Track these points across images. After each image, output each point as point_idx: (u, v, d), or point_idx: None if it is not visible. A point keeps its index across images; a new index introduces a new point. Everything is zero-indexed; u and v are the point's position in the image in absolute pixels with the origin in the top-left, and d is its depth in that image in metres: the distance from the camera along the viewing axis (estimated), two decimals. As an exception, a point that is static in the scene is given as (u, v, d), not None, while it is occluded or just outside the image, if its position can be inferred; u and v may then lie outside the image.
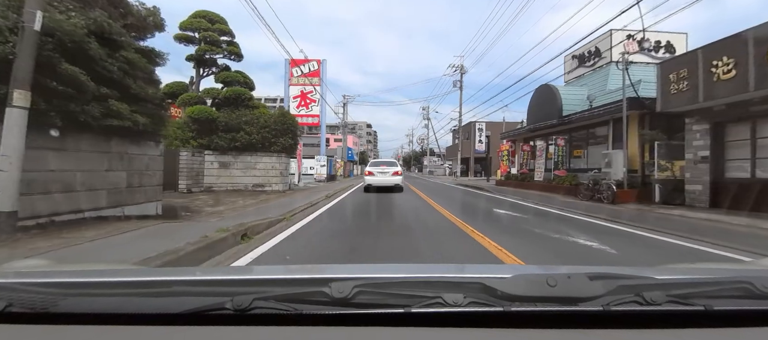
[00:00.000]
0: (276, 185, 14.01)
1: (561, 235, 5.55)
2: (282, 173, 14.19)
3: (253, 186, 13.88)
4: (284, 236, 5.21)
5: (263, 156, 13.99)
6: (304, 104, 24.28)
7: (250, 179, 13.89)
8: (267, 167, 14.01)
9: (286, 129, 14.18)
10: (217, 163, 13.70)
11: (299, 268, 2.07)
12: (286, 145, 14.09)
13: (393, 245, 4.73)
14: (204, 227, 5.11)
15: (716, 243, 5.06)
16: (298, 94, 24.34)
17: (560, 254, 4.40)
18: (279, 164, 14.09)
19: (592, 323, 0.70)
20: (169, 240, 3.98)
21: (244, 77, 15.03)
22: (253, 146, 13.83)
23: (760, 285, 0.76)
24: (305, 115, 24.27)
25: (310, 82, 23.92)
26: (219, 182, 13.65)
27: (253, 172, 13.92)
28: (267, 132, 13.81)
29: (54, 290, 0.76)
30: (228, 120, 13.54)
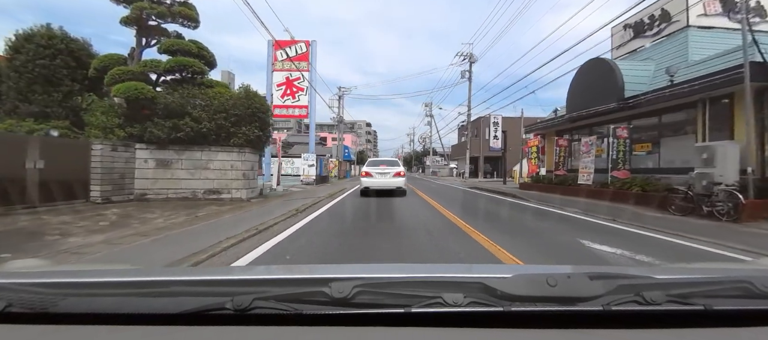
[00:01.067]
0: (237, 191, 10.26)
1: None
2: (246, 174, 10.44)
3: (206, 193, 10.14)
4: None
5: (219, 151, 10.25)
6: (290, 93, 20.53)
7: (200, 183, 10.14)
8: (224, 167, 10.27)
9: (251, 115, 10.44)
10: (154, 160, 9.95)
11: (299, 268, 2.07)
12: (251, 137, 10.34)
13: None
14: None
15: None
16: (282, 81, 20.60)
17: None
18: (242, 163, 10.34)
19: (592, 323, 0.70)
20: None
21: (198, 48, 11.28)
22: (205, 138, 10.09)
23: (759, 285, 0.76)
24: (291, 106, 20.52)
25: (297, 67, 20.18)
26: (156, 188, 9.91)
27: (206, 173, 10.18)
28: (224, 118, 10.08)
29: (54, 290, 0.76)
30: (169, 101, 9.80)
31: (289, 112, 20.64)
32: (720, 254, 4.49)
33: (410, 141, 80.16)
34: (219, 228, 5.67)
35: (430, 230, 5.69)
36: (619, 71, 11.04)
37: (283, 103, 20.54)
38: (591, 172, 11.99)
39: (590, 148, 12.11)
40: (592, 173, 11.93)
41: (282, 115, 20.75)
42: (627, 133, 10.79)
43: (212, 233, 5.12)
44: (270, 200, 10.65)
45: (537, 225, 6.66)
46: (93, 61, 11.78)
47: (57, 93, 12.16)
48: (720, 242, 5.02)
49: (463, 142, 39.86)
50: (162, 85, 11.30)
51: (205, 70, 10.73)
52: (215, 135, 10.11)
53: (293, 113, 20.69)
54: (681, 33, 11.10)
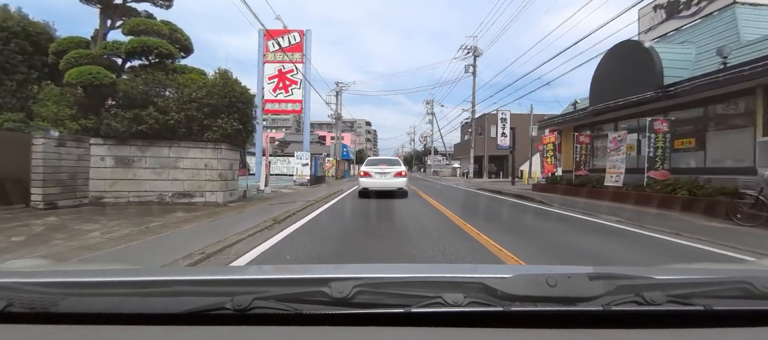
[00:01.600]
0: (212, 194, 8.76)
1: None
2: (223, 174, 8.93)
3: (175, 196, 8.63)
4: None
5: (190, 148, 8.73)
6: (283, 87, 19.03)
7: (168, 185, 8.63)
8: (197, 165, 8.75)
9: (229, 105, 8.92)
10: (112, 158, 8.44)
11: (299, 268, 2.06)
12: (228, 131, 8.83)
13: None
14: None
15: None
16: (274, 73, 19.10)
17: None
18: (217, 161, 8.83)
19: (592, 323, 0.70)
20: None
21: (171, 29, 9.76)
22: (174, 132, 8.58)
23: (759, 285, 0.76)
24: (284, 101, 19.02)
25: (290, 59, 18.69)
26: (115, 190, 8.39)
27: (175, 173, 8.66)
28: (196, 109, 8.56)
29: (54, 290, 0.76)
30: (129, 88, 8.29)
31: (281, 108, 19.14)
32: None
33: (411, 140, 78.63)
34: (158, 248, 4.17)
35: (446, 251, 4.19)
36: (656, 55, 9.51)
37: (275, 97, 19.04)
38: (621, 172, 10.47)
39: (620, 145, 10.59)
40: (623, 173, 10.41)
41: (274, 110, 19.26)
42: (667, 127, 9.27)
43: (138, 258, 3.62)
44: (251, 203, 9.14)
45: (582, 242, 5.15)
46: (51, 45, 10.27)
47: (10, 81, 10.67)
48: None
49: (466, 141, 38.33)
50: (129, 72, 9.79)
51: (176, 53, 9.20)
52: (185, 128, 8.59)
53: (286, 108, 19.19)
54: (727, 11, 9.58)
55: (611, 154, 10.94)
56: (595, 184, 11.40)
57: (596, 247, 4.80)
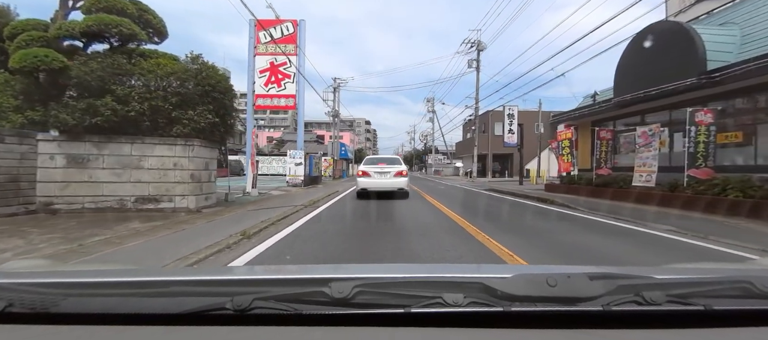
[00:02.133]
0: (183, 198, 7.49)
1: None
2: (196, 175, 7.67)
3: (138, 201, 7.37)
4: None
5: (157, 144, 7.46)
6: (275, 81, 17.72)
7: (130, 188, 7.37)
8: (164, 165, 7.48)
9: (204, 95, 7.66)
10: (64, 157, 7.17)
11: (299, 268, 2.01)
12: (202, 125, 7.56)
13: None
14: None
15: None
16: (266, 66, 17.78)
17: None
18: (188, 160, 7.56)
19: (592, 323, 0.69)
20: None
21: (139, 9, 8.47)
22: (137, 126, 7.32)
23: (760, 285, 0.75)
24: (276, 96, 17.71)
25: (282, 51, 17.38)
26: (67, 195, 7.13)
27: (138, 174, 7.40)
28: (162, 99, 7.30)
29: (54, 290, 0.75)
30: (83, 74, 7.02)
31: (273, 103, 17.83)
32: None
33: (411, 139, 77.37)
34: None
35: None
36: (699, 38, 8.24)
37: (266, 91, 17.73)
38: (653, 170, 9.22)
39: (651, 140, 9.33)
40: (655, 171, 9.16)
41: (265, 106, 17.97)
42: (712, 118, 8.01)
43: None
44: (230, 209, 7.88)
45: (659, 263, 3.90)
46: (5, 29, 8.99)
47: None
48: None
49: (469, 139, 37.06)
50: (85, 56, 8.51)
51: (141, 35, 7.91)
52: (150, 121, 7.33)
53: (278, 104, 17.88)
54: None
55: (640, 150, 9.68)
56: (622, 184, 10.15)
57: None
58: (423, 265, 2.83)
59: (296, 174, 16.03)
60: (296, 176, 16.01)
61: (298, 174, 16.05)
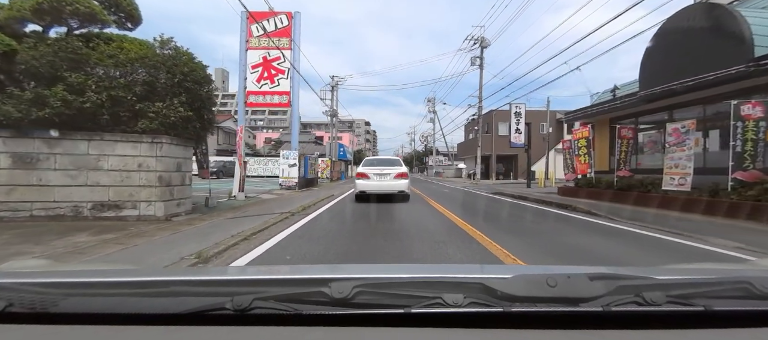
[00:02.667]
0: (149, 205, 6.42)
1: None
2: (165, 177, 6.60)
3: (96, 208, 6.30)
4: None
5: (118, 141, 6.40)
6: (268, 76, 16.66)
7: (87, 193, 6.30)
8: (128, 166, 6.42)
9: (175, 85, 6.60)
10: (9, 155, 6.11)
11: (299, 268, 2.05)
12: (172, 120, 6.49)
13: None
14: None
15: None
16: (258, 62, 16.72)
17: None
18: (157, 160, 6.49)
19: (593, 324, 0.69)
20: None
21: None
22: (95, 120, 6.27)
23: (759, 285, 0.75)
24: (269, 92, 16.65)
25: (276, 45, 16.34)
26: (12, 201, 6.07)
27: (97, 176, 6.33)
28: (124, 89, 6.24)
29: (54, 290, 0.75)
30: (31, 59, 5.96)
31: (266, 100, 16.77)
32: None
33: (411, 140, 76.33)
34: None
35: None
36: (744, 21, 7.19)
37: (259, 88, 16.68)
38: (688, 173, 8.15)
39: (685, 138, 8.26)
40: (691, 174, 8.09)
41: (258, 103, 16.91)
42: (762, 112, 6.95)
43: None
44: (205, 218, 6.80)
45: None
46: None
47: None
48: None
49: (471, 140, 36.00)
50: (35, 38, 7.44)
51: (102, 15, 6.84)
52: (110, 115, 6.26)
53: (272, 101, 16.81)
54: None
55: (671, 150, 8.61)
56: (649, 188, 9.07)
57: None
58: (423, 265, 2.79)
59: (290, 176, 14.95)
60: (290, 179, 14.93)
61: (291, 176, 14.97)
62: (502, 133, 29.89)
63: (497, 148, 29.43)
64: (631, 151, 10.90)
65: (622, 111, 10.99)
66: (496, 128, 29.68)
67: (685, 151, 8.28)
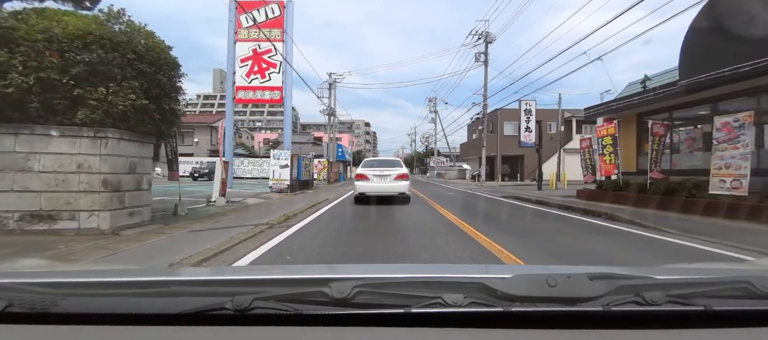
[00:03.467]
0: (92, 216, 5.14)
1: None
2: (111, 181, 5.32)
3: (24, 219, 5.02)
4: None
5: (52, 136, 5.12)
6: (259, 71, 15.41)
7: (15, 200, 5.02)
8: (65, 166, 5.14)
9: (126, 65, 5.33)
10: None
11: (299, 268, 2.05)
12: (121, 108, 5.22)
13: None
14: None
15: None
16: (248, 54, 15.48)
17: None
18: (101, 159, 5.21)
19: (593, 324, 0.69)
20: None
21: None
22: (23, 108, 5.00)
23: (759, 285, 0.75)
24: (260, 88, 15.39)
25: (267, 36, 15.10)
26: None
27: (25, 179, 5.06)
28: (59, 71, 4.96)
29: (54, 290, 0.75)
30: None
31: (256, 96, 15.53)
32: None
33: (411, 141, 75.04)
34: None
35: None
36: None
37: (248, 83, 15.45)
38: (743, 174, 6.88)
39: (739, 134, 7.00)
40: (747, 175, 6.82)
41: (247, 99, 15.67)
42: None
43: None
44: (162, 231, 5.51)
45: None
46: None
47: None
48: None
49: (475, 140, 34.73)
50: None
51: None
52: (40, 102, 4.99)
53: (262, 97, 15.56)
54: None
55: (721, 148, 7.33)
56: (694, 192, 7.79)
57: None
58: (423, 265, 2.84)
59: (281, 178, 13.67)
60: (281, 181, 13.65)
61: (283, 178, 13.69)
62: (507, 132, 28.64)
63: (503, 148, 28.15)
64: (662, 149, 9.64)
65: (655, 104, 9.72)
66: (502, 128, 28.40)
67: (740, 149, 7.01)
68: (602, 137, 10.59)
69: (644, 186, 9.26)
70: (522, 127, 16.38)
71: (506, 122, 28.28)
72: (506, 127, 28.36)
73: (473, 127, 35.00)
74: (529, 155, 27.94)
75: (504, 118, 28.11)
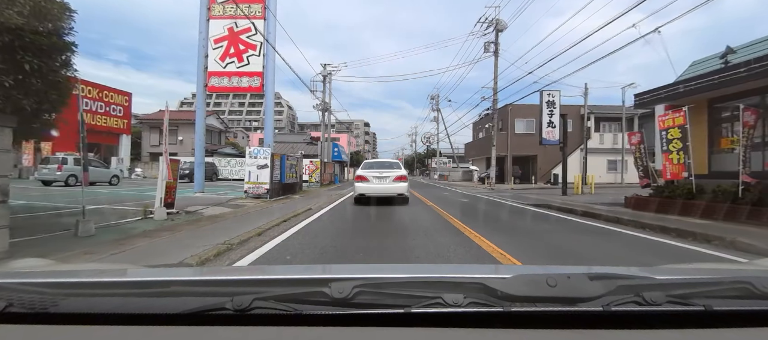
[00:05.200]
0: None
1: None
2: None
3: None
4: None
5: None
6: (235, 53, 12.99)
7: None
8: None
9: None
10: None
11: (299, 268, 2.03)
12: None
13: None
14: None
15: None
16: (223, 34, 13.07)
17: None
18: None
19: (592, 324, 0.69)
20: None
21: None
22: None
23: (759, 285, 0.75)
24: (236, 74, 12.96)
25: (245, 13, 12.70)
26: None
27: None
28: None
29: (54, 290, 0.75)
30: None
31: (232, 83, 13.09)
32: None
33: (412, 142, 72.60)
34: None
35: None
36: None
37: (223, 68, 13.03)
38: None
39: None
40: None
41: (222, 87, 13.22)
42: None
43: None
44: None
45: None
46: None
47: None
48: None
49: (481, 139, 32.33)
50: None
51: None
52: None
53: (239, 84, 13.12)
54: None
55: None
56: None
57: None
58: (423, 265, 2.88)
59: (258, 181, 11.24)
60: (258, 184, 11.22)
61: (261, 181, 11.27)
62: (518, 130, 26.25)
63: (513, 147, 25.76)
64: (750, 144, 7.26)
65: (743, 84, 7.29)
66: (512, 125, 26.00)
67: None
68: (667, 129, 8.16)
69: (733, 193, 6.86)
70: (544, 122, 13.95)
71: (517, 119, 25.90)
72: (517, 125, 25.97)
73: (479, 125, 32.57)
74: (543, 155, 25.55)
75: (515, 114, 25.71)
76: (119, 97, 27.45)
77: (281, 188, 12.55)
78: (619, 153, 23.51)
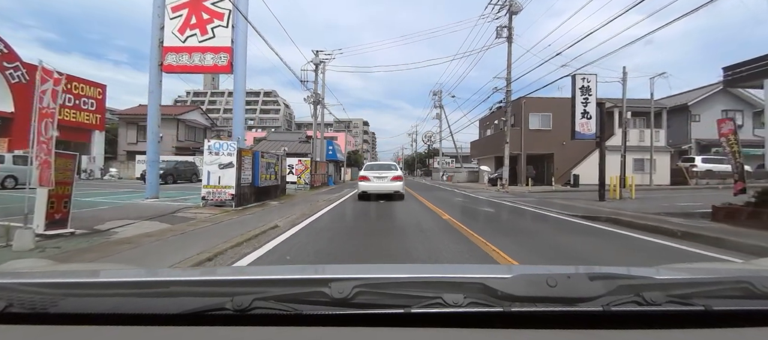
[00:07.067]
0: None
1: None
2: None
3: None
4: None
5: None
6: (197, 23, 10.44)
7: None
8: None
9: None
10: None
11: (299, 268, 2.02)
12: None
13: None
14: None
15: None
16: (182, 1, 10.56)
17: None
18: None
19: (593, 324, 0.69)
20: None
21: None
22: None
23: (759, 285, 0.74)
24: (198, 49, 10.39)
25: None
26: None
27: None
28: None
29: (54, 290, 0.75)
30: None
31: (193, 61, 10.45)
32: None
33: (412, 141, 69.91)
34: None
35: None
36: None
37: (182, 42, 10.43)
38: None
39: None
40: None
41: (180, 66, 10.56)
42: None
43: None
44: None
45: None
46: None
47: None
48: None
49: (489, 136, 29.73)
50: None
51: None
52: None
53: (202, 62, 10.48)
54: None
55: None
56: None
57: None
58: (423, 265, 2.87)
59: (220, 185, 8.68)
60: (220, 188, 8.66)
61: (225, 185, 8.70)
62: (533, 126, 23.69)
63: (527, 145, 23.18)
64: None
65: None
66: (526, 120, 23.40)
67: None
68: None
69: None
70: (577, 113, 11.40)
71: (532, 114, 23.31)
72: (532, 120, 23.38)
73: (487, 122, 29.98)
74: (560, 154, 22.99)
75: (529, 108, 23.12)
76: (91, 90, 24.82)
77: (254, 192, 9.98)
78: (647, 151, 20.95)
